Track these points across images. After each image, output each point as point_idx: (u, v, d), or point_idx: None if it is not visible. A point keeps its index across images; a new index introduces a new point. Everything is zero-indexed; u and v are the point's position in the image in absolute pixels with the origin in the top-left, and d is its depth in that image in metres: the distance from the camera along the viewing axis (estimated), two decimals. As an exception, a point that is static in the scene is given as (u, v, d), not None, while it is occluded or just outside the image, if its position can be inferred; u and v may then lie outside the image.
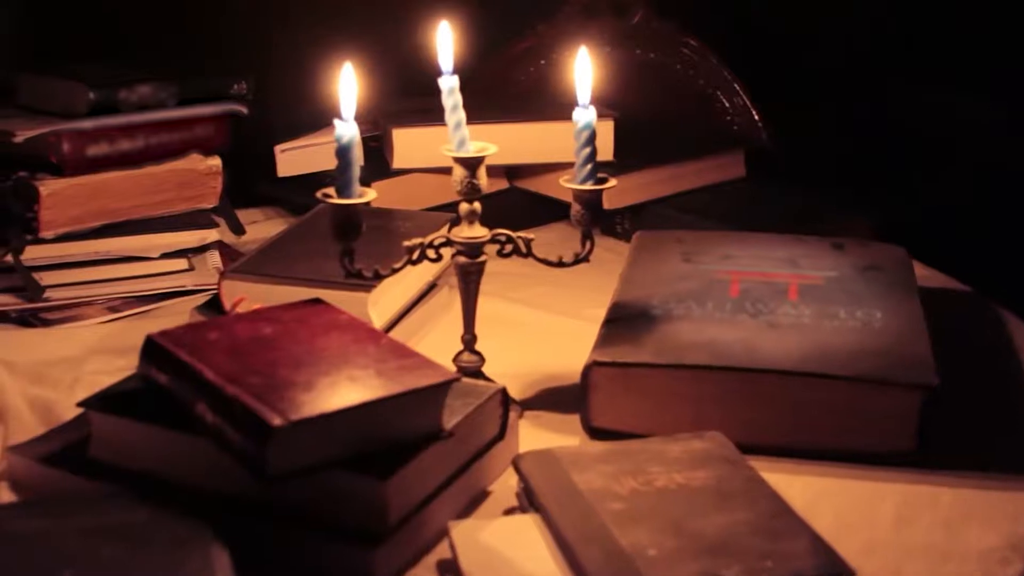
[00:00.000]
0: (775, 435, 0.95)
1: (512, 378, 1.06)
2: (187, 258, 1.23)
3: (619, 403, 0.97)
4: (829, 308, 1.04)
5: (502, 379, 1.05)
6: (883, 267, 1.14)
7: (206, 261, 1.24)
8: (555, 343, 1.13)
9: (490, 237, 0.98)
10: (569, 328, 1.16)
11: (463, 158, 0.95)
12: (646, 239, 1.21)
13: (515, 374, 1.08)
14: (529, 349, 1.13)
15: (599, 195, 0.98)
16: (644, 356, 0.97)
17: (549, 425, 1.00)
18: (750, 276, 1.11)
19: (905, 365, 0.95)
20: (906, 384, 0.93)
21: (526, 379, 1.07)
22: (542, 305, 1.22)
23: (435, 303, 1.18)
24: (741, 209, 1.38)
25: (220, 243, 1.27)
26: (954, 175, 1.62)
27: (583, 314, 1.18)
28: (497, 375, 1.05)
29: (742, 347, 0.98)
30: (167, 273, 1.21)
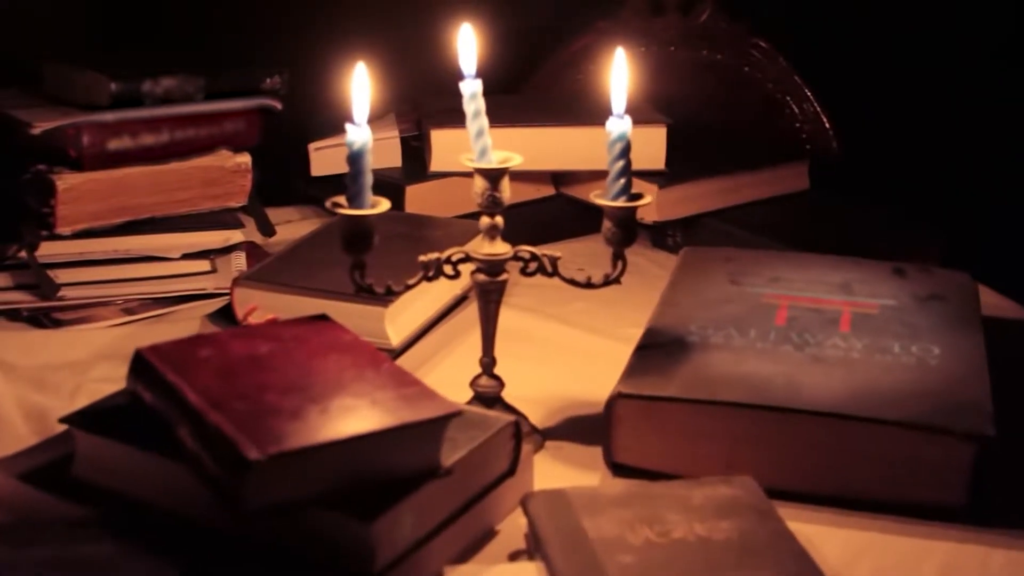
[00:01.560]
0: (814, 481, 0.87)
1: (535, 404, 1.00)
2: (210, 259, 1.18)
3: (644, 439, 0.89)
4: (882, 341, 0.96)
5: (524, 405, 0.98)
6: (946, 296, 1.05)
7: (231, 263, 1.19)
8: (587, 366, 1.06)
9: (512, 254, 0.91)
10: (605, 350, 1.08)
11: (484, 169, 0.89)
12: (693, 256, 1.14)
13: (540, 399, 1.01)
14: (558, 372, 1.06)
15: (632, 212, 0.90)
16: (672, 389, 0.89)
17: (571, 458, 0.93)
18: (800, 302, 1.03)
19: (960, 411, 0.86)
20: (959, 433, 0.84)
21: (551, 405, 1.00)
22: (578, 323, 1.15)
23: (464, 317, 1.12)
24: (802, 225, 1.30)
25: (248, 244, 1.22)
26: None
27: (622, 334, 1.10)
28: (520, 400, 0.98)
29: (782, 383, 0.90)
30: (188, 275, 1.16)
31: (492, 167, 0.88)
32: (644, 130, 1.26)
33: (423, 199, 1.25)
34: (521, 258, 0.92)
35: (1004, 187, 1.47)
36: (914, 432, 0.84)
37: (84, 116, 1.14)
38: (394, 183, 1.26)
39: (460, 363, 1.05)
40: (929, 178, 1.40)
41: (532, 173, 1.28)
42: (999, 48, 1.53)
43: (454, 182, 1.26)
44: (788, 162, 1.36)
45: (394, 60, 1.47)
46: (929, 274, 1.09)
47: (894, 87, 1.52)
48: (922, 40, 1.51)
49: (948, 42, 1.52)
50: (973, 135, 1.51)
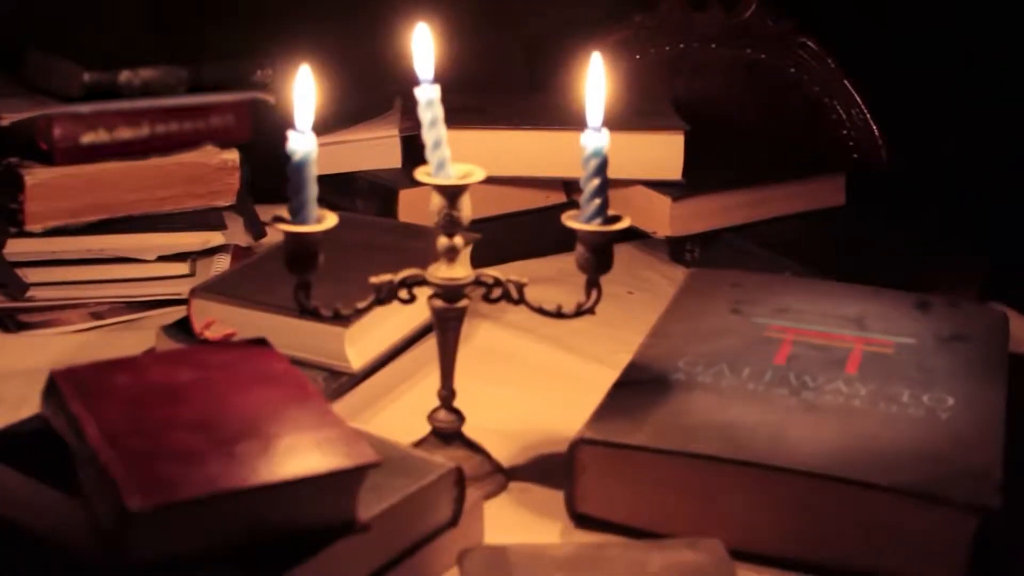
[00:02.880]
0: (795, 546, 0.77)
1: (507, 437, 0.91)
2: (189, 262, 1.11)
3: (610, 489, 0.81)
4: (891, 387, 0.86)
5: (493, 438, 0.90)
6: (971, 337, 0.94)
7: (212, 267, 1.12)
8: (574, 395, 0.95)
9: (474, 278, 0.83)
10: (597, 377, 0.98)
11: (441, 185, 0.80)
12: (698, 279, 1.04)
13: (513, 432, 0.93)
14: (540, 401, 0.98)
15: (607, 238, 0.82)
16: (641, 437, 0.80)
17: (535, 503, 0.84)
18: (807, 336, 0.93)
19: (964, 477, 0.76)
20: (959, 503, 0.74)
21: (525, 440, 0.92)
22: (573, 345, 1.06)
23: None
24: (831, 245, 1.19)
25: (234, 247, 1.15)
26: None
27: (619, 360, 1.00)
28: (489, 433, 0.90)
29: (766, 434, 0.80)
30: (163, 278, 1.09)
31: (450, 183, 0.80)
32: (660, 137, 1.17)
33: (419, 205, 1.16)
34: (483, 283, 0.83)
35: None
36: (907, 499, 0.75)
37: (56, 107, 1.07)
38: (387, 186, 1.18)
39: (429, 391, 0.96)
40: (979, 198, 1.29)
41: (540, 180, 1.20)
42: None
43: (453, 188, 1.18)
44: (823, 175, 1.25)
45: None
46: (956, 309, 0.98)
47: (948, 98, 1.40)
48: (983, 51, 1.39)
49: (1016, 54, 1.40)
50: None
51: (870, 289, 1.01)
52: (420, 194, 1.18)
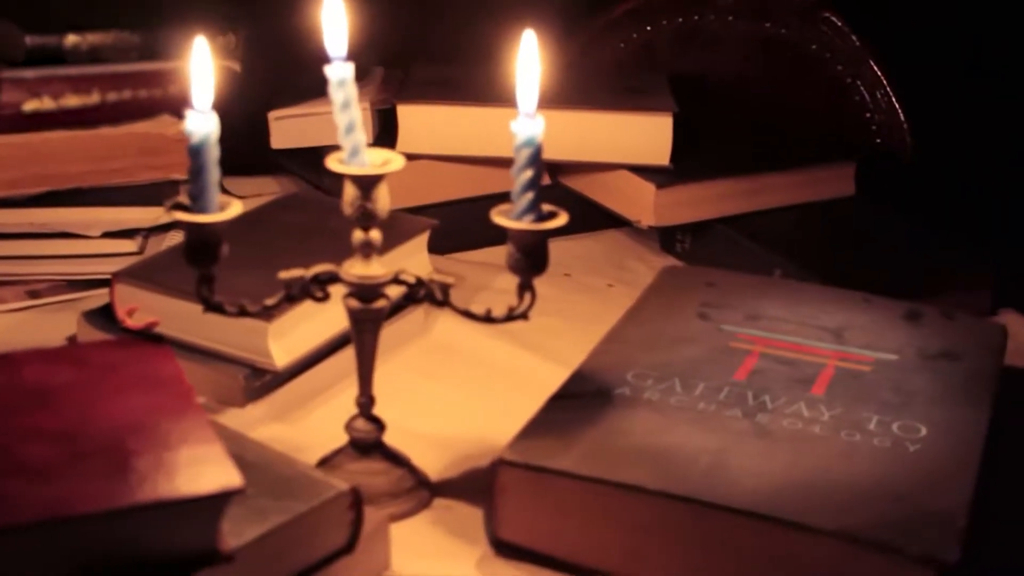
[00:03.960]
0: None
1: (440, 447, 0.84)
2: (139, 239, 1.04)
3: (532, 515, 0.73)
4: (858, 412, 0.77)
5: (424, 447, 0.83)
6: (961, 354, 0.85)
7: (164, 245, 1.05)
8: (523, 401, 0.85)
9: (392, 277, 0.75)
10: (553, 381, 0.88)
11: (355, 175, 0.73)
12: (670, 277, 0.95)
13: (448, 441, 0.85)
14: (485, 406, 0.90)
15: (541, 237, 0.74)
16: (567, 461, 0.72)
17: (456, 524, 0.77)
18: (777, 348, 0.84)
19: (923, 521, 0.67)
20: (912, 555, 0.65)
21: (459, 450, 0.84)
22: (535, 342, 0.98)
23: (399, 329, 0.96)
24: (831, 240, 1.10)
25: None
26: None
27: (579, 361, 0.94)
28: (422, 440, 0.83)
29: (706, 463, 0.72)
30: (110, 255, 1.03)
31: (364, 172, 0.73)
32: (646, 118, 1.08)
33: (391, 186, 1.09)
34: (404, 283, 0.76)
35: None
36: (852, 546, 0.66)
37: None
38: (350, 164, 1.11)
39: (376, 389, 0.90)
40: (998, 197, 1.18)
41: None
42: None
43: (423, 166, 1.10)
44: (831, 163, 1.16)
45: (393, 16, 1.33)
46: (950, 322, 0.89)
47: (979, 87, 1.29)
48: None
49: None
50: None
51: (859, 296, 0.92)
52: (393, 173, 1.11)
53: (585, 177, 1.13)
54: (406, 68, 1.22)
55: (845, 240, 1.10)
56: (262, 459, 0.70)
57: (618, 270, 1.12)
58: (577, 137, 1.09)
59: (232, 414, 0.85)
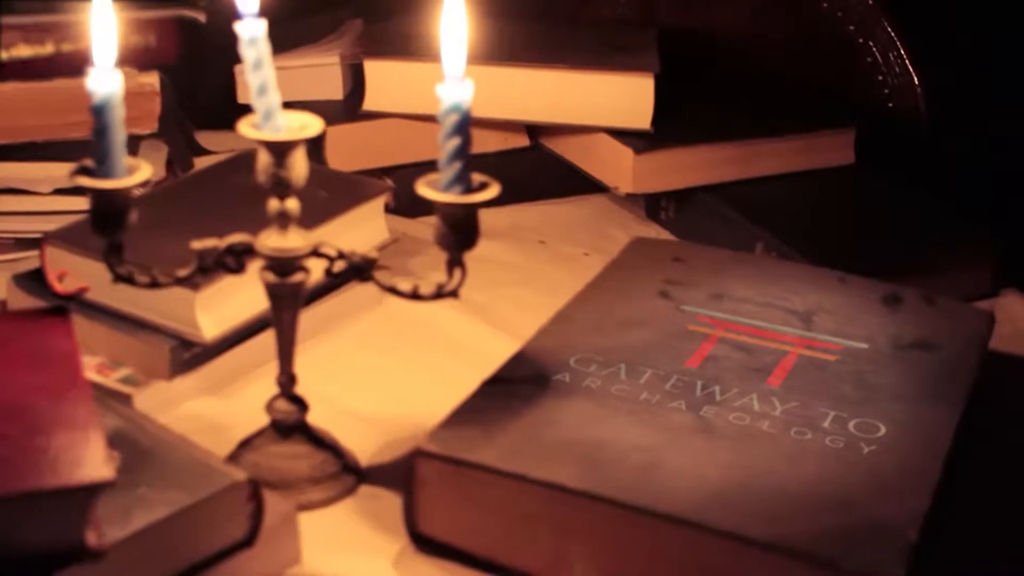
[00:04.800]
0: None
1: (374, 429, 0.79)
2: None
3: (453, 509, 0.68)
4: (814, 408, 0.71)
5: (359, 429, 0.78)
6: (938, 344, 0.78)
7: (120, 202, 1.01)
8: (472, 379, 0.78)
9: (311, 250, 0.70)
10: (506, 356, 0.87)
11: (267, 141, 0.67)
12: (635, 252, 0.89)
13: (383, 423, 0.80)
14: (429, 384, 0.84)
15: (469, 210, 0.68)
16: (488, 454, 0.67)
17: (379, 514, 0.72)
18: (739, 332, 0.78)
19: (868, 533, 0.61)
20: (850, 571, 0.60)
21: (396, 433, 0.79)
22: (497, 316, 0.92)
23: (352, 298, 0.91)
24: (821, 212, 1.02)
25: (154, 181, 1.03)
26: None
27: (541, 338, 0.88)
28: (357, 420, 0.79)
29: (637, 461, 0.66)
30: (60, 213, 0.98)
31: (278, 139, 0.67)
32: (627, 79, 1.02)
33: (349, 144, 1.03)
34: (325, 256, 0.71)
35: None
36: (786, 559, 0.61)
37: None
38: (313, 122, 1.05)
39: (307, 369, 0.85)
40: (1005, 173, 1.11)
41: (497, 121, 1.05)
42: None
43: (389, 125, 1.04)
44: (828, 129, 1.08)
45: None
46: (930, 307, 0.82)
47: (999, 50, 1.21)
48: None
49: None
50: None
51: (836, 276, 0.85)
52: (351, 132, 1.06)
53: (566, 139, 1.07)
54: (387, 21, 1.16)
55: (838, 213, 1.03)
56: (160, 445, 0.66)
57: (597, 238, 1.06)
58: (554, 97, 1.03)
59: (159, 387, 0.80)
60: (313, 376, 0.84)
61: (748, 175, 1.04)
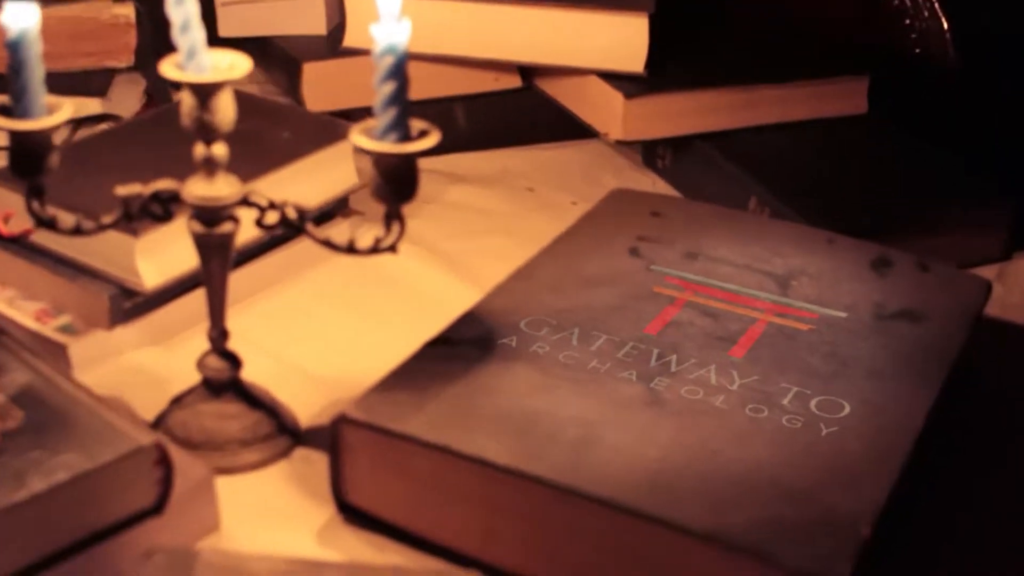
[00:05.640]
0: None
1: (322, 388, 0.75)
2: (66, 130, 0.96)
3: (381, 481, 0.64)
4: (776, 383, 0.66)
5: (304, 388, 0.74)
6: (925, 316, 0.72)
7: (93, 138, 0.97)
8: (430, 333, 0.73)
9: (240, 199, 0.66)
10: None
11: (190, 83, 0.63)
12: (612, 204, 0.84)
13: (334, 381, 0.76)
14: (389, 340, 0.78)
15: (407, 161, 0.63)
16: (414, 423, 0.62)
17: (311, 479, 0.67)
18: (708, 296, 0.73)
19: (816, 527, 0.56)
20: (791, 568, 0.55)
21: (342, 394, 0.74)
22: (471, 266, 0.87)
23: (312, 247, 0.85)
24: (825, 165, 0.96)
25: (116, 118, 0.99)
26: None
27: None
28: (304, 380, 0.75)
29: (573, 436, 0.61)
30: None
31: (201, 80, 0.63)
32: (619, 18, 0.96)
33: (328, 82, 0.98)
34: (255, 205, 0.66)
35: None
36: (721, 552, 0.56)
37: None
38: (290, 58, 1.00)
39: (258, 321, 0.81)
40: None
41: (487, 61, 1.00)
42: None
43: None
44: (840, 76, 1.01)
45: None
46: (922, 275, 0.76)
47: None
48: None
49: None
50: None
51: (824, 236, 0.80)
52: (330, 69, 1.01)
53: (559, 81, 1.01)
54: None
55: (843, 168, 0.96)
56: (71, 405, 0.62)
57: (589, 186, 1.00)
58: (543, 36, 0.97)
59: (98, 337, 0.76)
60: (263, 329, 0.81)
61: (750, 123, 0.98)
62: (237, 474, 0.68)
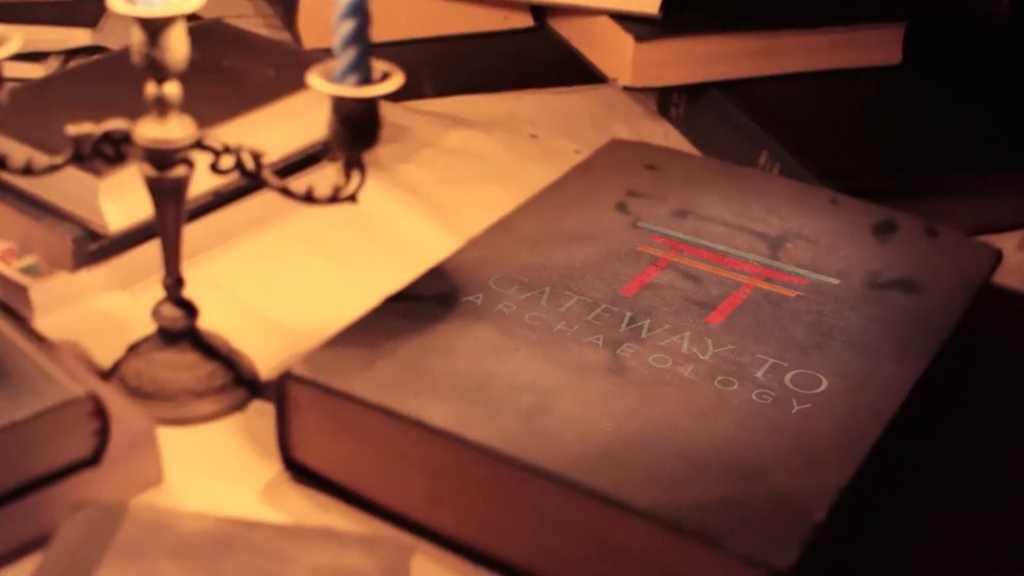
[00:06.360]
0: (534, 558, 0.56)
1: (289, 339, 0.72)
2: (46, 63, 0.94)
3: (327, 439, 0.61)
4: (750, 354, 0.62)
5: (269, 339, 0.72)
6: (923, 286, 0.68)
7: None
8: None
9: (193, 141, 0.63)
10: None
11: (139, 17, 0.60)
12: (607, 155, 0.79)
13: (302, 332, 0.72)
14: (365, 291, 0.73)
15: (367, 105, 0.60)
16: (360, 383, 0.59)
17: (264, 434, 0.64)
18: (693, 258, 0.69)
19: (767, 511, 0.53)
20: (734, 552, 0.52)
21: (307, 343, 0.70)
22: (457, 214, 0.83)
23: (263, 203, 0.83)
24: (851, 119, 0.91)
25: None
26: None
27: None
28: (270, 329, 0.72)
29: (526, 405, 0.58)
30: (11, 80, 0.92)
31: (150, 14, 0.59)
32: (631, -42, 0.91)
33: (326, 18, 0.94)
34: (209, 148, 0.63)
35: None
36: (664, 532, 0.53)
37: None
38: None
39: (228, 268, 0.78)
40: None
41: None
42: None
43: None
44: (870, 23, 0.96)
45: None
46: (929, 240, 0.71)
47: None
48: None
49: None
50: None
51: (827, 195, 0.75)
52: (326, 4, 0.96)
53: (572, 22, 0.96)
54: None
55: (868, 122, 0.91)
56: (10, 352, 0.60)
57: (597, 134, 0.96)
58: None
59: (62, 279, 0.74)
60: (236, 275, 0.78)
61: (770, 72, 0.93)
62: (188, 426, 0.66)
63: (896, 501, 0.60)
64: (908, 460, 0.62)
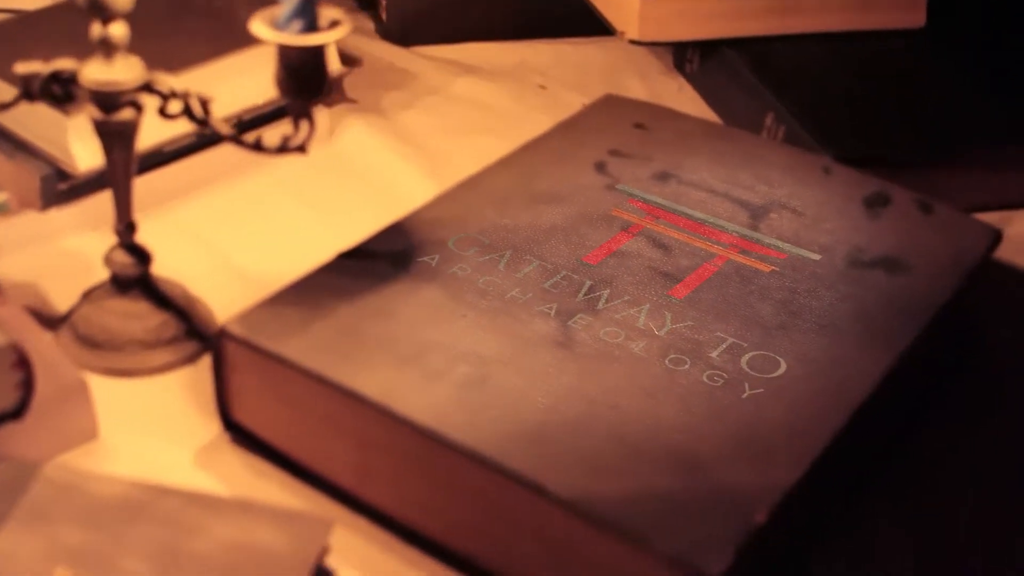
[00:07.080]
0: (459, 537, 0.54)
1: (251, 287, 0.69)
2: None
3: (262, 401, 0.59)
4: (708, 331, 0.58)
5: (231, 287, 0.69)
6: (909, 265, 0.64)
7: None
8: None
9: (141, 84, 0.60)
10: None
11: (75, -50, 0.57)
12: (599, 110, 0.76)
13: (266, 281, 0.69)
14: (336, 239, 0.70)
15: (313, 53, 0.57)
16: (291, 346, 0.56)
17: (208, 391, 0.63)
18: (669, 224, 0.65)
19: (703, 508, 0.50)
20: (661, 553, 0.48)
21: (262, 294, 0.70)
22: (450, 166, 0.80)
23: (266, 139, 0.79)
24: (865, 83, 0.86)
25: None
26: None
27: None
28: (230, 278, 0.70)
29: (462, 375, 0.55)
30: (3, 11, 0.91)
31: (89, -51, 0.57)
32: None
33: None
34: (157, 92, 0.61)
35: None
36: (587, 527, 0.50)
37: None
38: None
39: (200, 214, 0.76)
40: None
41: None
42: None
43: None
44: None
45: None
46: (922, 216, 0.67)
47: None
48: None
49: None
50: None
51: (820, 163, 0.71)
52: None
53: (587, -31, 0.93)
54: None
55: (882, 88, 0.86)
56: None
57: (609, 87, 0.92)
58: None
59: (32, 218, 0.73)
60: (210, 221, 0.76)
61: (784, 31, 0.88)
62: (135, 378, 0.64)
63: (869, 502, 0.57)
64: (884, 454, 0.58)
